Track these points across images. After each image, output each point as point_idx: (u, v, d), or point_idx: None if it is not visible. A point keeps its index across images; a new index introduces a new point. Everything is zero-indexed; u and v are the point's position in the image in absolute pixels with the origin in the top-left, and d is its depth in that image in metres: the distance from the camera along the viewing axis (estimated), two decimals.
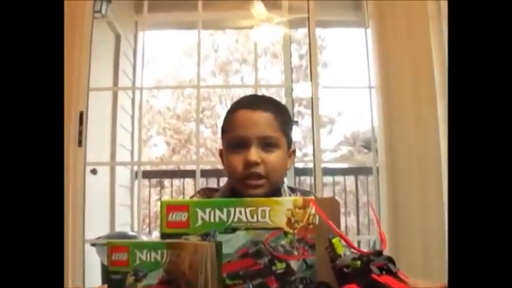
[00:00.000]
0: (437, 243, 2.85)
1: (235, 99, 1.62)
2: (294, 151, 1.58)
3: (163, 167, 7.97)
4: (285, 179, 1.61)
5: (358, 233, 6.94)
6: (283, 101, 4.26)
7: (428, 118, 2.96)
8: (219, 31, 10.01)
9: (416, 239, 2.86)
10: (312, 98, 3.20)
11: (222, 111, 11.25)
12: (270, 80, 10.59)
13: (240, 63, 11.08)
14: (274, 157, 1.46)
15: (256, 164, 1.43)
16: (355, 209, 6.80)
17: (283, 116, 1.52)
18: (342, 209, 6.29)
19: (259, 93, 3.39)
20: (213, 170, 5.49)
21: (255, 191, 1.44)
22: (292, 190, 1.59)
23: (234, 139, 1.48)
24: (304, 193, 1.62)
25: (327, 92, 3.27)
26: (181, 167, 8.07)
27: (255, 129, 1.45)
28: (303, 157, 7.80)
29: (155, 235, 6.52)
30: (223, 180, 1.68)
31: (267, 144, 1.46)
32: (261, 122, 1.46)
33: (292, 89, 4.25)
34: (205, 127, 10.77)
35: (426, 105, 2.97)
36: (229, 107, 1.56)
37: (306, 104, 8.67)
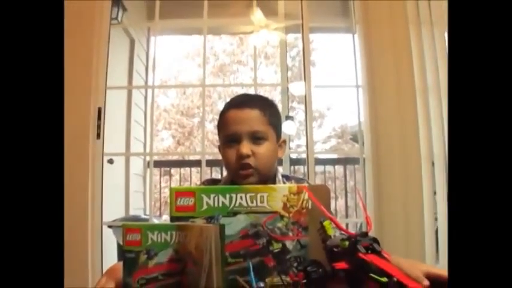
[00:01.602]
0: (416, 225, 2.86)
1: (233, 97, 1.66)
2: (284, 141, 1.59)
3: (171, 157, 8.07)
4: (280, 168, 1.65)
5: (347, 216, 7.16)
6: (279, 99, 4.22)
7: (409, 114, 2.96)
8: (215, 36, 10.41)
9: (398, 222, 2.87)
10: (305, 95, 3.19)
11: (222, 107, 10.97)
12: (264, 79, 10.73)
13: (236, 64, 11.57)
14: (263, 149, 1.48)
15: (248, 156, 1.45)
16: (343, 195, 6.92)
17: (270, 110, 1.54)
18: (332, 195, 6.27)
19: (256, 92, 3.38)
20: (215, 160, 5.47)
21: (247, 180, 1.46)
22: (287, 178, 1.59)
23: (227, 135, 1.51)
24: (298, 180, 1.61)
25: (317, 90, 3.22)
26: (186, 158, 8.02)
27: (243, 125, 1.48)
28: (296, 148, 7.84)
29: (165, 218, 6.54)
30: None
31: (256, 138, 1.48)
32: (249, 118, 1.49)
33: (288, 88, 4.23)
34: (207, 121, 10.84)
35: (407, 103, 2.97)
36: (225, 106, 1.59)
37: (299, 100, 8.72)
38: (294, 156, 5.02)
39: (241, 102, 1.54)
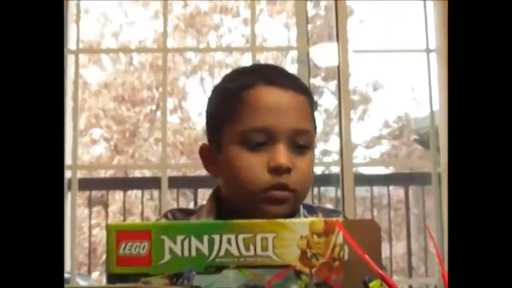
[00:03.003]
0: None
1: (216, 69, 1.23)
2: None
3: (104, 174, 5.51)
4: None
5: (410, 273, 4.56)
6: (294, 70, 3.20)
7: None
8: None
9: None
10: (338, 66, 2.57)
11: (192, 88, 7.89)
12: (267, 40, 7.00)
13: (220, 14, 7.34)
14: (306, 162, 1.11)
15: (288, 170, 1.07)
16: (404, 235, 4.51)
17: (313, 102, 1.18)
18: (384, 235, 4.18)
19: (255, 61, 2.89)
20: (184, 178, 4.39)
21: (278, 209, 1.07)
22: (310, 210, 1.22)
23: (251, 131, 1.08)
24: (328, 214, 1.24)
25: (358, 57, 2.91)
26: (132, 174, 6.11)
27: (286, 117, 1.09)
28: (322, 157, 5.27)
29: (97, 277, 5.16)
30: (203, 194, 1.41)
31: (299, 144, 1.10)
32: (294, 108, 1.11)
33: (308, 54, 2.98)
34: (170, 112, 6.88)
35: None
36: (230, 80, 1.17)
37: (326, 74, 6.34)
38: (318, 170, 3.59)
39: (281, 78, 1.13)
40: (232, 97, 1.13)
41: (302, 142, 1.11)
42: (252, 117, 1.10)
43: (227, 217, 1.08)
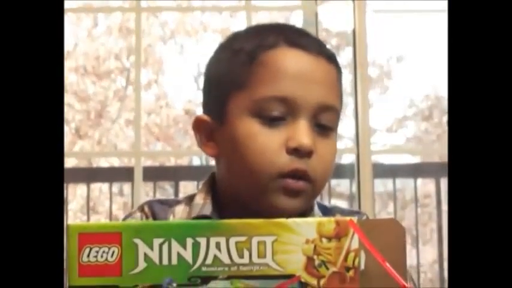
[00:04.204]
0: None
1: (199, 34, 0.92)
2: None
3: (65, 164, 4.42)
4: None
5: (442, 285, 3.94)
6: None
7: None
8: None
9: None
10: (353, 31, 2.36)
11: (170, 57, 6.89)
12: None
13: None
14: (330, 147, 0.95)
15: (309, 154, 0.91)
16: (434, 240, 3.84)
17: (341, 75, 1.00)
18: (409, 239, 3.58)
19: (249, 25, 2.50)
20: (160, 168, 4.05)
21: (292, 202, 0.92)
22: (325, 210, 1.04)
23: (269, 101, 0.93)
24: (345, 214, 1.05)
25: (379, 21, 2.71)
26: (97, 164, 5.41)
27: (313, 88, 0.93)
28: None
29: None
30: (185, 187, 1.23)
31: (323, 122, 0.94)
32: (323, 78, 0.94)
33: (316, 15, 2.69)
34: (144, 87, 6.11)
35: None
36: (243, 38, 0.99)
37: (339, 41, 5.25)
38: None
39: (309, 41, 0.96)
40: (245, 58, 0.96)
41: (326, 121, 0.95)
42: (271, 84, 0.94)
43: (225, 213, 0.97)
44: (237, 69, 0.96)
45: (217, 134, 0.96)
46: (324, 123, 0.94)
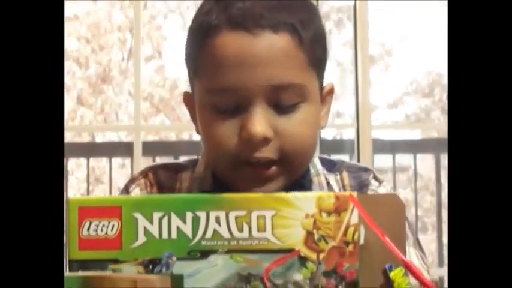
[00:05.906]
0: None
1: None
2: (331, 91, 0.98)
3: (68, 137, 4.08)
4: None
5: (441, 262, 3.82)
6: None
7: None
8: None
9: None
10: (354, 6, 2.36)
11: (170, 28, 6.54)
12: None
13: None
14: (297, 123, 0.88)
15: (265, 140, 0.86)
16: (434, 215, 3.82)
17: (310, 29, 0.89)
18: (410, 213, 3.43)
19: None
20: (161, 142, 3.94)
21: (265, 188, 0.87)
22: (331, 166, 1.01)
23: (216, 92, 0.88)
24: (356, 172, 1.02)
25: None
26: (101, 138, 5.35)
27: (259, 72, 0.86)
28: (334, 119, 4.40)
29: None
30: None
31: (283, 102, 0.88)
32: (271, 56, 0.86)
33: None
34: (144, 58, 5.77)
35: None
36: (196, 21, 0.91)
37: (340, 16, 4.90)
38: (328, 134, 3.30)
39: (255, 14, 0.86)
40: (195, 44, 0.92)
41: (286, 100, 0.89)
42: (215, 75, 0.88)
43: (220, 183, 0.93)
44: (193, 53, 0.92)
45: (196, 113, 0.93)
46: (284, 103, 0.88)
